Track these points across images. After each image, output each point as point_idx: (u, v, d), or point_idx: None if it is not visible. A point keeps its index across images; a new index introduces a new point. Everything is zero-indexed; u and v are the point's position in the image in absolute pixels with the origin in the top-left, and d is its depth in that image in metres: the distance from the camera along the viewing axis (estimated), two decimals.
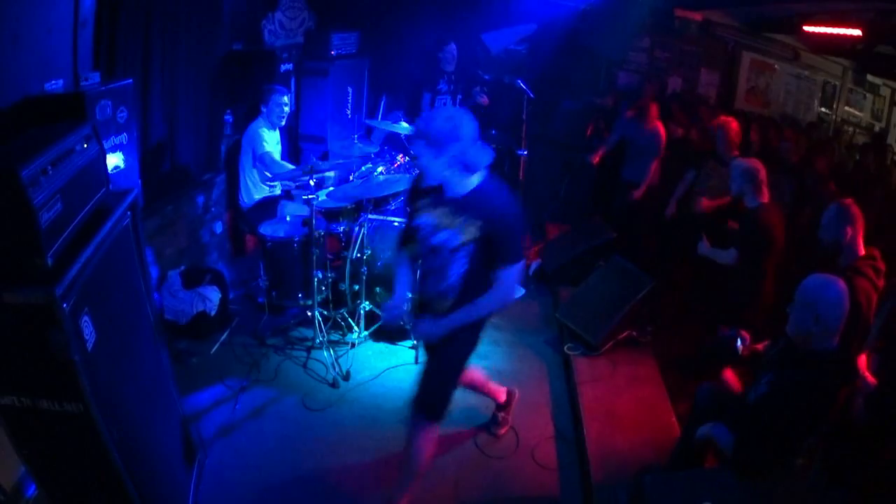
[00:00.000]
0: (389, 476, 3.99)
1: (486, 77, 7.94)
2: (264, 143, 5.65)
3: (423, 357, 5.17)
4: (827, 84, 7.39)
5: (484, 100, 7.46)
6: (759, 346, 3.88)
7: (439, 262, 3.28)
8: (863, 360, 3.73)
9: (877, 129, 6.60)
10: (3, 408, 2.51)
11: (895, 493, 3.37)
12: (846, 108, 7.11)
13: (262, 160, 5.65)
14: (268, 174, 5.70)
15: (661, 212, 6.55)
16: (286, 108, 5.78)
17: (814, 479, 3.36)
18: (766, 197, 4.84)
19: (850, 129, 7.00)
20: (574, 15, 8.55)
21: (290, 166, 5.83)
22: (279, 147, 5.95)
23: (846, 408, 3.55)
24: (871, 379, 3.61)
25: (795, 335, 3.22)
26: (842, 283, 3.14)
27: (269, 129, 5.77)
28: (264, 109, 5.71)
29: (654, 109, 6.69)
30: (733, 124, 5.89)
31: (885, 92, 6.51)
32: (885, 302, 3.92)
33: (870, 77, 6.70)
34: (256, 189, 5.86)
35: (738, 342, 3.89)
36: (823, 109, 7.45)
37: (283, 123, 5.86)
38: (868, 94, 6.75)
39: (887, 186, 5.84)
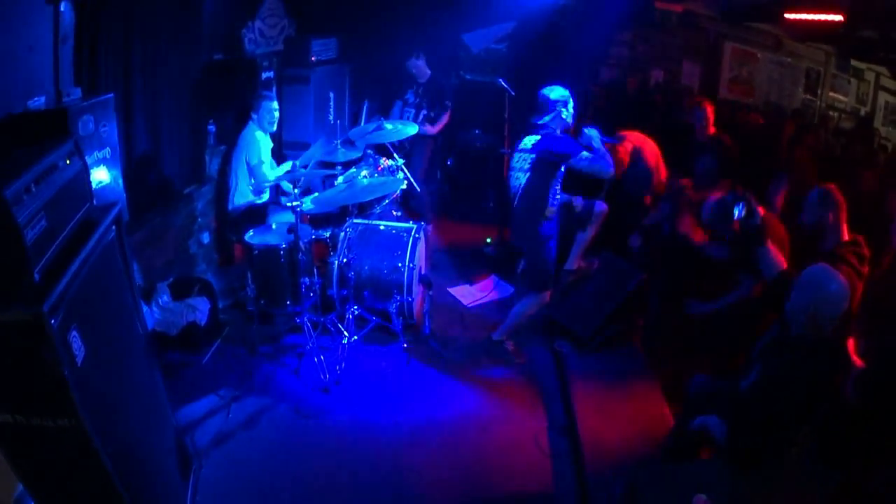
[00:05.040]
0: (385, 478, 4.03)
1: (467, 76, 7.93)
2: (260, 152, 5.72)
3: (414, 358, 5.22)
4: (811, 70, 7.39)
5: (429, 129, 7.26)
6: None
7: None
8: (850, 343, 3.74)
9: (862, 113, 6.63)
10: None
11: (886, 475, 3.41)
12: (831, 93, 7.11)
13: (253, 172, 5.73)
14: (254, 182, 5.78)
15: None
16: (276, 113, 5.85)
17: (806, 465, 3.38)
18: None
19: (836, 114, 7.03)
20: (552, 11, 8.55)
21: (281, 171, 5.91)
22: (269, 148, 6.00)
23: (836, 392, 3.58)
24: (858, 362, 3.65)
25: (790, 316, 3.24)
26: (844, 281, 3.14)
27: (263, 132, 5.84)
28: (255, 116, 5.80)
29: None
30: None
31: (870, 76, 6.51)
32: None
33: (853, 62, 6.72)
34: (246, 195, 5.88)
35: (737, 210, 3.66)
36: (808, 96, 7.45)
37: (274, 129, 5.91)
38: (852, 79, 6.76)
39: (875, 170, 5.85)
